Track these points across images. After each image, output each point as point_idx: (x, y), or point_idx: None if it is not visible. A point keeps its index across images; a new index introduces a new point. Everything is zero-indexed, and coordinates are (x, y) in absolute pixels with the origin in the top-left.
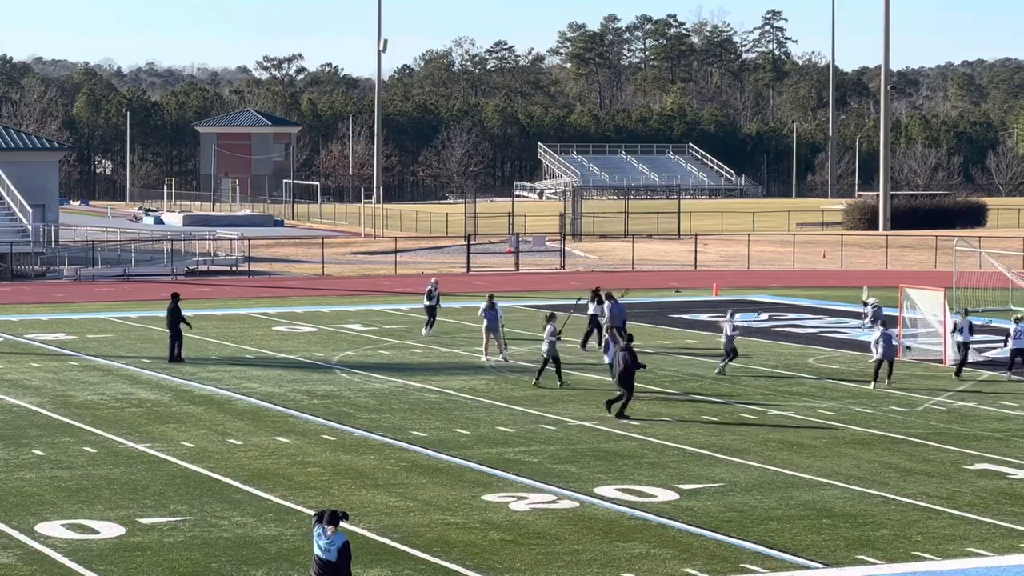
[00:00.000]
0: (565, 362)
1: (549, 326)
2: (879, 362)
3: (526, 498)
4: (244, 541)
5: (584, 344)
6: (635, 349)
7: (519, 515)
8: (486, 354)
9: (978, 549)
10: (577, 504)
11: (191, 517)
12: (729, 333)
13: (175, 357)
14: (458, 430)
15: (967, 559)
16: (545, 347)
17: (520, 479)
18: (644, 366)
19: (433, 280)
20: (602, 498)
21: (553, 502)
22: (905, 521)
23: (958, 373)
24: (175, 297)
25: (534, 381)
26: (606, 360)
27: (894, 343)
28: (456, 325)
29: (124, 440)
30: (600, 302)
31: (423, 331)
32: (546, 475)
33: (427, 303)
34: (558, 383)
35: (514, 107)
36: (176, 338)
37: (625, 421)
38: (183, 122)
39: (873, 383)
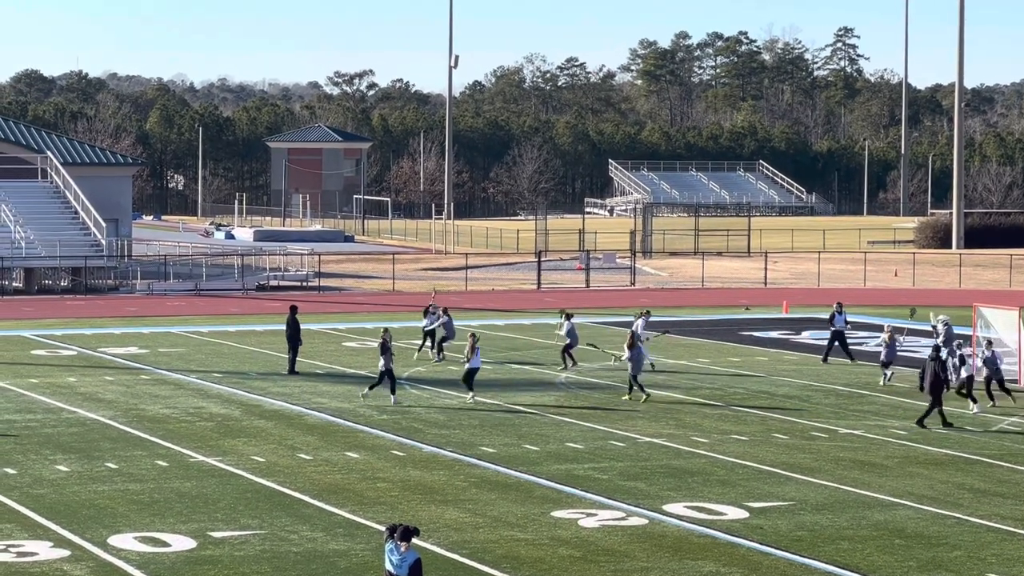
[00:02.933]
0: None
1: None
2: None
3: (595, 515)
4: (314, 556)
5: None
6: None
7: (588, 532)
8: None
9: None
10: (646, 521)
11: (261, 531)
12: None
13: (293, 370)
14: (527, 446)
15: None
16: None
17: (589, 495)
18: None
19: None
20: (671, 515)
21: (622, 519)
22: (979, 543)
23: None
24: (293, 310)
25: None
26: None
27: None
28: (526, 341)
29: (195, 454)
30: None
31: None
32: (615, 492)
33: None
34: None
35: (585, 124)
36: (294, 350)
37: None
38: (254, 137)
39: (972, 405)
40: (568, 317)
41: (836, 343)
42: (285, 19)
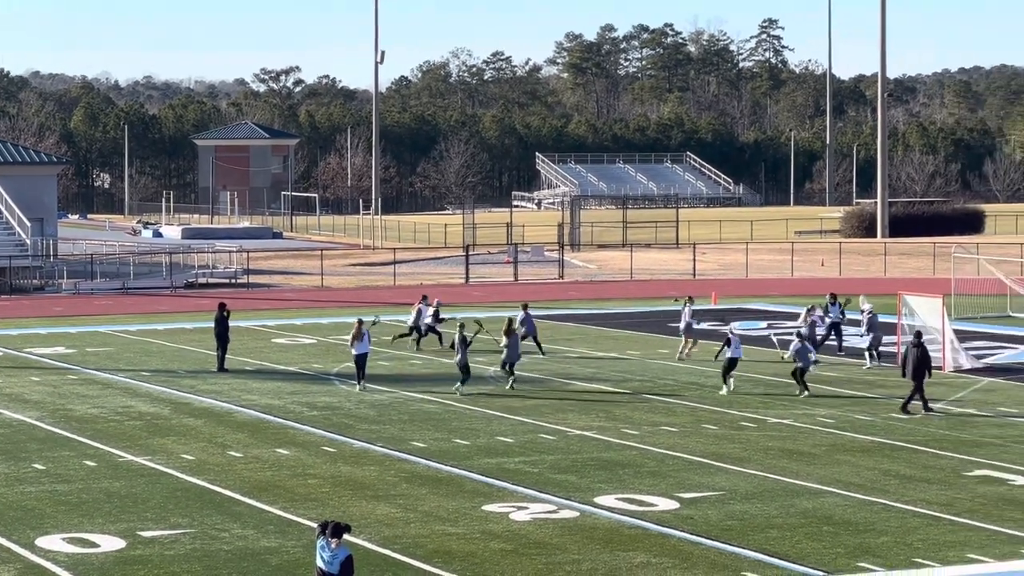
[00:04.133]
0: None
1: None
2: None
3: (527, 508)
4: (245, 554)
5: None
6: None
7: (520, 525)
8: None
9: (978, 555)
10: (578, 514)
11: (192, 530)
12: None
13: (222, 367)
14: (458, 441)
15: (967, 565)
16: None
17: (520, 489)
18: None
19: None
20: (602, 507)
21: (554, 512)
22: (905, 528)
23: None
24: (222, 307)
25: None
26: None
27: (810, 354)
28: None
29: (124, 453)
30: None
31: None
32: (546, 485)
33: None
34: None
35: (511, 117)
36: (223, 348)
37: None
38: (181, 135)
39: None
40: (524, 308)
41: (832, 334)
42: (210, 16)
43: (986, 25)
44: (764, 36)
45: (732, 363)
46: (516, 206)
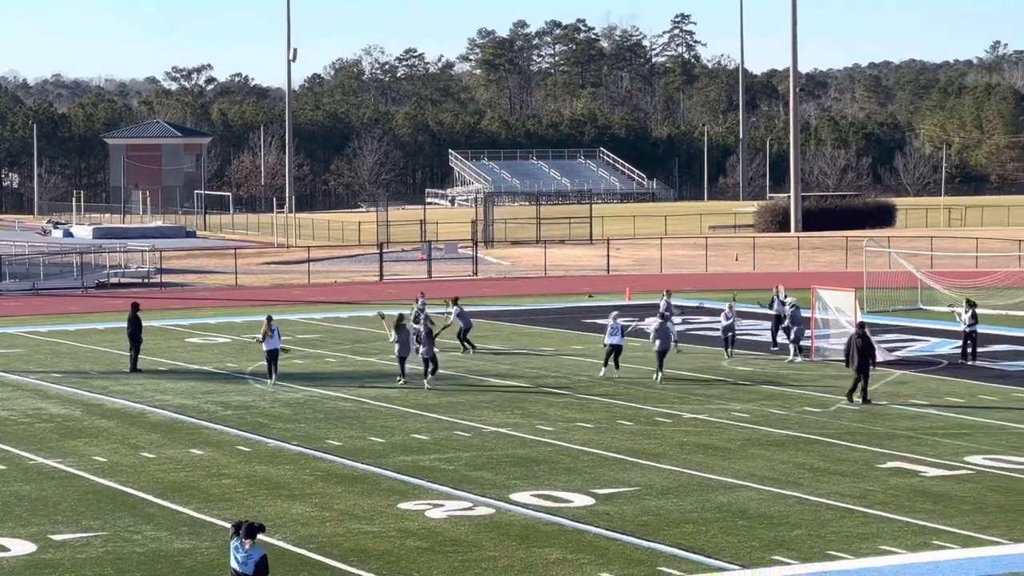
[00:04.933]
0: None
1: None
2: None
3: (442, 505)
4: (158, 556)
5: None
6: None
7: (435, 522)
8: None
9: (891, 547)
10: (493, 511)
11: (104, 532)
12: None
13: (135, 367)
14: (373, 438)
15: (880, 557)
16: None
17: (436, 487)
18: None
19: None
20: (518, 504)
21: (469, 509)
22: (819, 521)
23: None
24: (135, 307)
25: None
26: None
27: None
28: (369, 333)
29: (34, 456)
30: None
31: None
32: (462, 482)
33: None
34: None
35: (424, 114)
36: (136, 348)
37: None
38: (91, 134)
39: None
40: (455, 302)
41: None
42: (120, 13)
43: (895, 20)
44: (677, 31)
45: (615, 349)
46: (430, 203)
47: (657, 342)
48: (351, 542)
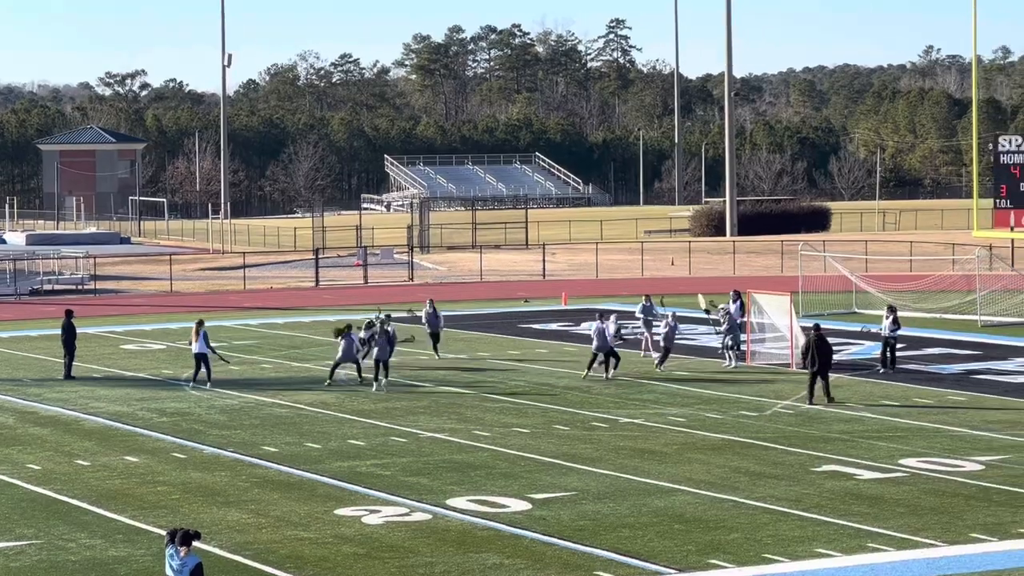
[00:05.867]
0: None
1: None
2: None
3: (379, 511)
4: (93, 564)
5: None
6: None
7: (372, 528)
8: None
9: (826, 550)
10: (430, 516)
11: (38, 541)
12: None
13: (69, 374)
14: (309, 444)
15: (816, 560)
16: None
17: (373, 492)
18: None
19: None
20: (455, 509)
21: (406, 515)
22: (755, 524)
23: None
24: (69, 314)
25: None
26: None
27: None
28: (306, 339)
29: None
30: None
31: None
32: (399, 488)
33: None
34: None
35: (360, 120)
36: (70, 355)
37: None
38: (24, 140)
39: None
40: (431, 302)
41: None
42: (54, 18)
43: (829, 25)
44: (612, 36)
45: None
46: (365, 209)
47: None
48: (287, 549)
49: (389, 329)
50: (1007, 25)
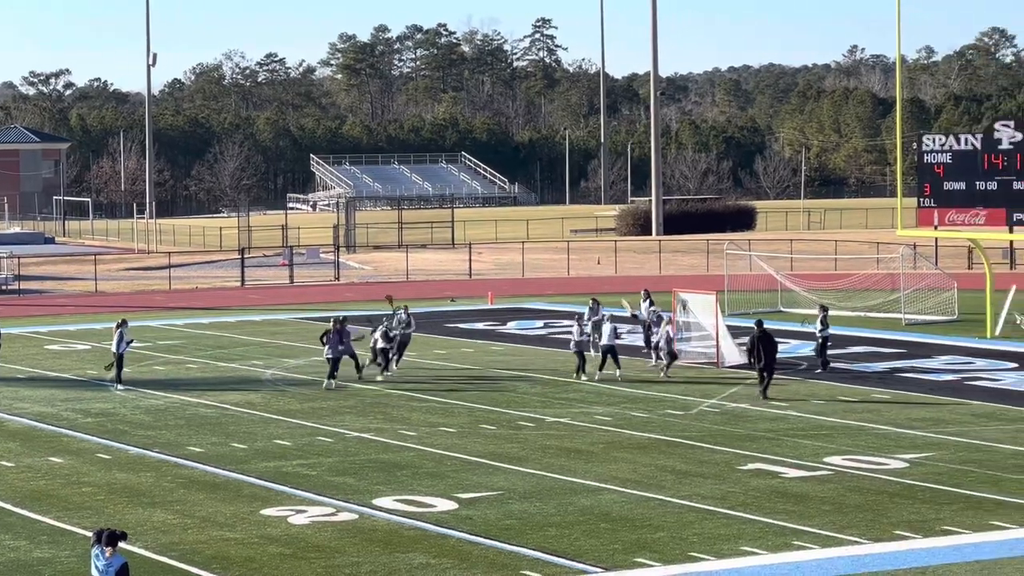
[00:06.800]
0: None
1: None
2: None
3: (305, 511)
4: (17, 565)
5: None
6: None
7: (298, 529)
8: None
9: (752, 548)
10: (356, 516)
11: None
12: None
13: None
14: (235, 444)
15: (741, 558)
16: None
17: (299, 492)
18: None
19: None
20: (381, 509)
21: (332, 515)
22: (681, 523)
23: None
24: None
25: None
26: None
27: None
28: (231, 339)
29: None
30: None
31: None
32: (325, 488)
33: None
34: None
35: (286, 119)
36: None
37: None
38: None
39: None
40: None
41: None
42: None
43: (754, 25)
44: (538, 36)
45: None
46: (291, 208)
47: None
48: (213, 549)
49: (348, 329)
50: (931, 25)
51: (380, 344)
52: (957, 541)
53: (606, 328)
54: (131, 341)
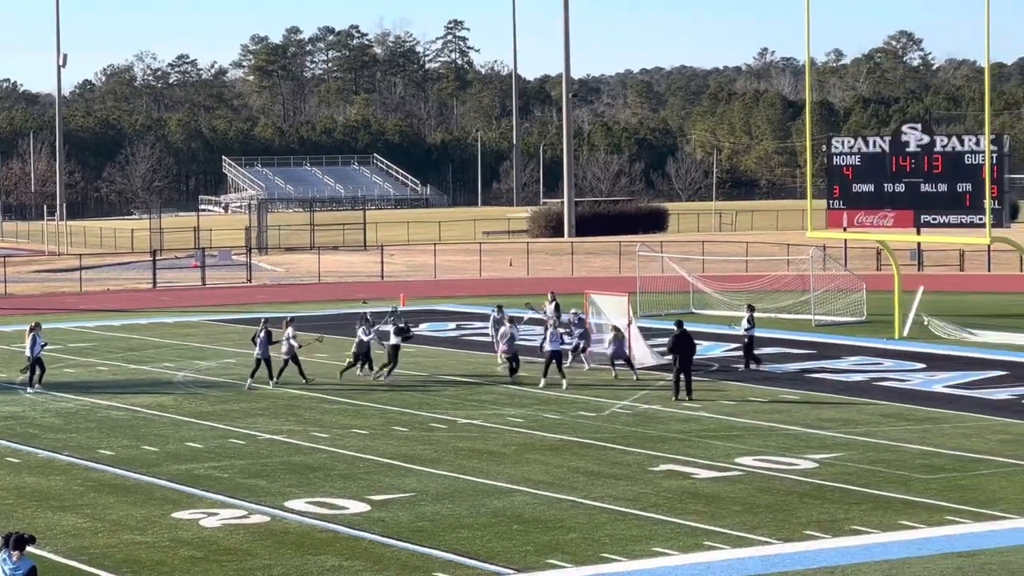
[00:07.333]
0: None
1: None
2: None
3: (217, 514)
4: None
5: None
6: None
7: (210, 531)
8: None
9: (663, 548)
10: (268, 518)
11: None
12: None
13: None
14: (146, 447)
15: (653, 559)
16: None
17: (210, 495)
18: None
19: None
20: (294, 511)
21: (244, 517)
22: (593, 524)
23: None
24: None
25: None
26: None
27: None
28: (142, 341)
29: None
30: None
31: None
32: (237, 490)
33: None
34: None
35: (198, 121)
36: None
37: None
38: None
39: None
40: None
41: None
42: None
43: (666, 27)
44: (450, 37)
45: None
46: (204, 210)
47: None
48: (124, 553)
49: (271, 330)
50: (840, 28)
51: (393, 341)
52: (866, 541)
53: (548, 333)
54: (45, 344)
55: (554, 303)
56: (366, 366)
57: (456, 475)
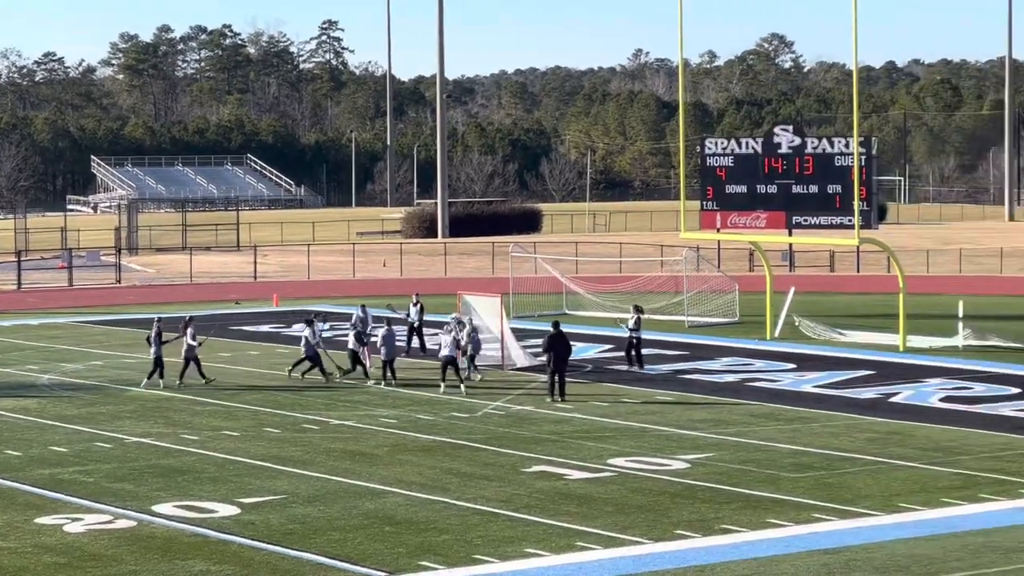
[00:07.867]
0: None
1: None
2: (385, 362)
3: (82, 519)
4: None
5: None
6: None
7: (74, 537)
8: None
9: (536, 549)
10: (135, 523)
11: None
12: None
13: None
14: (9, 452)
15: (526, 560)
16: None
17: (75, 500)
18: None
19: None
20: (161, 515)
21: (110, 522)
22: (466, 525)
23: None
24: None
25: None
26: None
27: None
28: (6, 343)
29: None
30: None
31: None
32: (102, 494)
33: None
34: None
35: (65, 120)
36: None
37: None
38: None
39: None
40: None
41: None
42: None
43: (540, 28)
44: (324, 38)
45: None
46: (71, 210)
47: (383, 350)
48: None
49: (161, 328)
50: (714, 30)
51: (351, 346)
52: (735, 539)
53: (446, 339)
54: None
55: (418, 305)
56: (300, 367)
57: (328, 476)
